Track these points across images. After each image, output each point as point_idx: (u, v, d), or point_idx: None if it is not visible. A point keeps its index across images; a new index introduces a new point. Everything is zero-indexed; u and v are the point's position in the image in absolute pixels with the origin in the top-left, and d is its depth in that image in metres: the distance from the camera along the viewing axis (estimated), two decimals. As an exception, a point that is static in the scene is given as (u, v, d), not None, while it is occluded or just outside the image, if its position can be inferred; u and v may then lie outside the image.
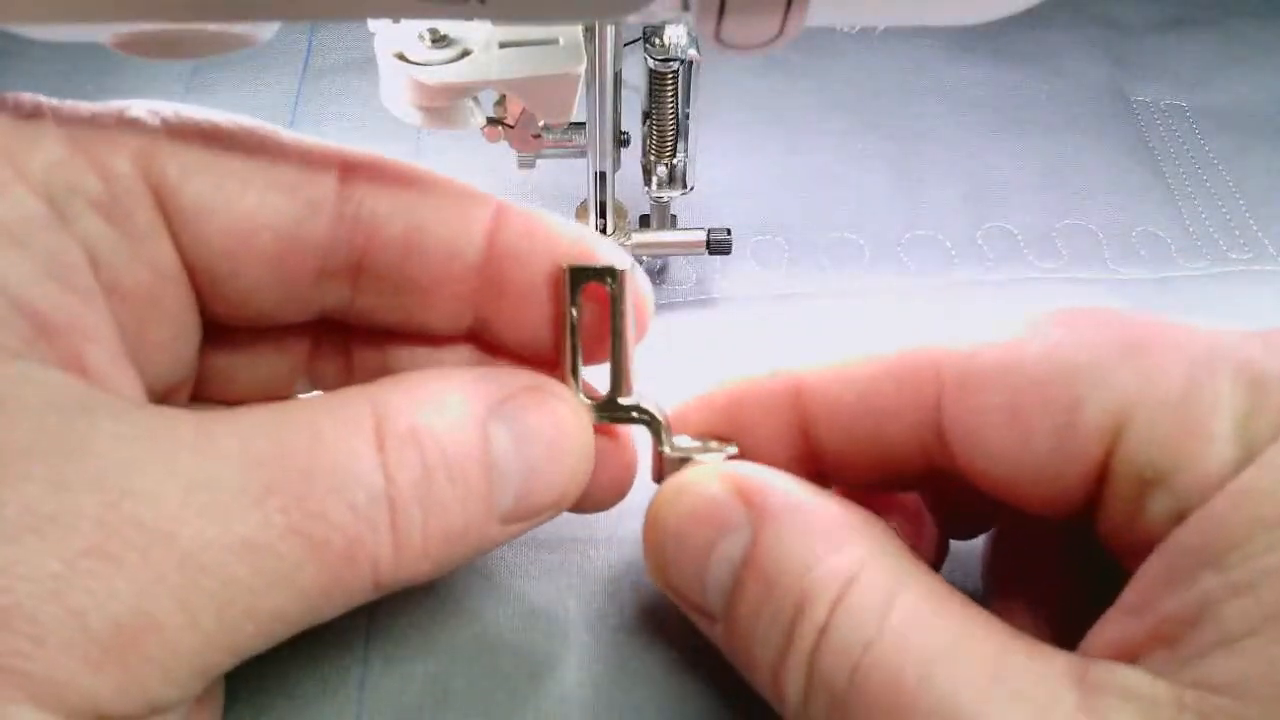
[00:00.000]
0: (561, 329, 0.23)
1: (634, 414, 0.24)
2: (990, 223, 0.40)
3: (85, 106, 0.20)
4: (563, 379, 0.23)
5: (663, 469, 0.25)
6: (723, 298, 0.37)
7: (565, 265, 0.22)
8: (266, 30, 0.20)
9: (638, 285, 0.23)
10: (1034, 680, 0.17)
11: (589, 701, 0.26)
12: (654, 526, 0.23)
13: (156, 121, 0.20)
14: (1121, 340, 0.19)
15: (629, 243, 0.34)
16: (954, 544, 0.27)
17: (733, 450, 0.24)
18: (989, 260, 0.39)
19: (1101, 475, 0.19)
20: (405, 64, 0.27)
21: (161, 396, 0.22)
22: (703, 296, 0.37)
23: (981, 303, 0.37)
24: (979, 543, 0.27)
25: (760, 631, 0.20)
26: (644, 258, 0.36)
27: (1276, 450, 0.17)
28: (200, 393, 0.24)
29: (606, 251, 0.22)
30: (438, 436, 0.19)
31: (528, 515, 0.21)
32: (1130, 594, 0.18)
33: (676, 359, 0.34)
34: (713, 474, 0.22)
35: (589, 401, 0.23)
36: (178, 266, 0.20)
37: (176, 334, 0.21)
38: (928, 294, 0.37)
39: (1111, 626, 0.18)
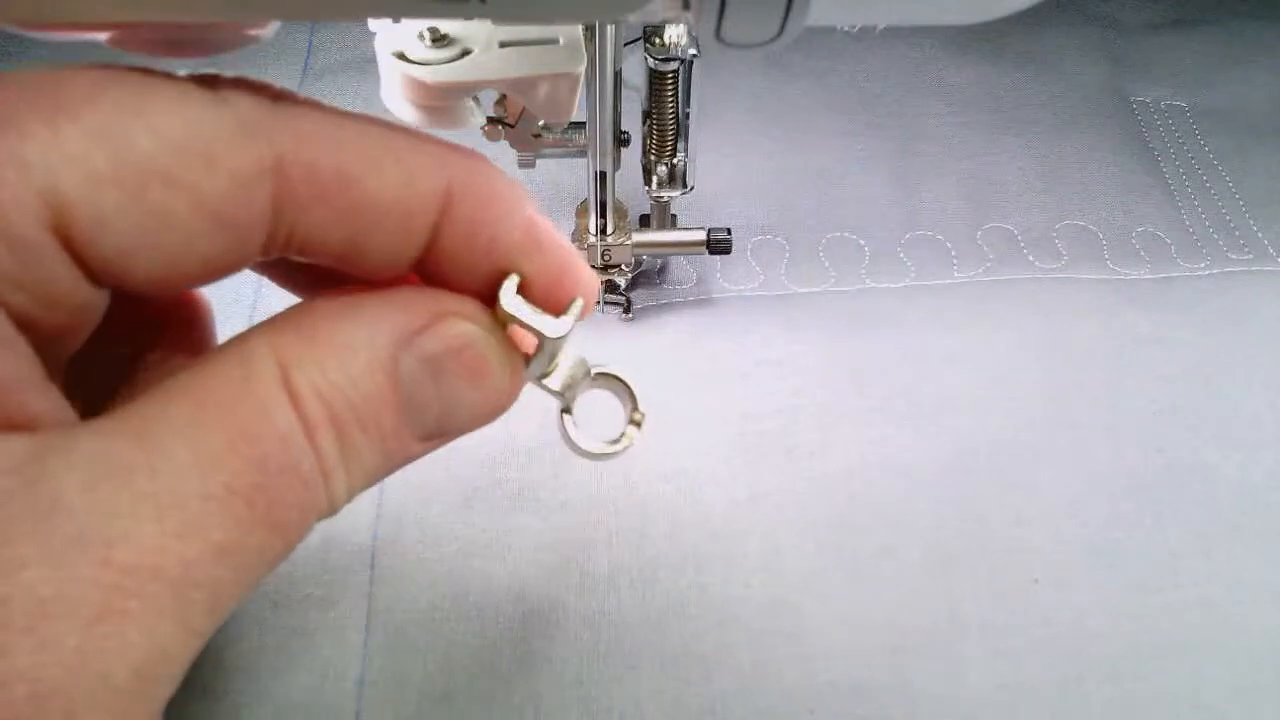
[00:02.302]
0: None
1: (544, 388, 0.23)
2: (990, 223, 0.40)
3: None
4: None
5: (565, 434, 0.24)
6: (723, 298, 0.37)
7: (502, 305, 0.21)
8: (267, 29, 0.20)
9: (584, 286, 0.22)
10: None
11: (589, 699, 0.26)
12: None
13: (55, 148, 0.17)
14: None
15: (629, 242, 0.34)
16: None
17: (638, 423, 0.24)
18: (989, 260, 0.39)
19: None
20: (405, 63, 0.27)
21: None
22: (703, 296, 0.37)
23: (981, 303, 0.37)
24: None
25: None
26: (644, 257, 0.36)
27: None
28: None
29: (557, 280, 0.21)
30: (344, 390, 0.19)
31: (450, 433, 0.21)
32: None
33: (676, 359, 0.34)
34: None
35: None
36: (104, 296, 0.19)
37: (94, 319, 0.20)
38: (928, 294, 0.37)
39: None
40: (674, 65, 0.31)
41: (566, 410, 0.24)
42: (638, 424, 0.25)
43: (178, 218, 0.18)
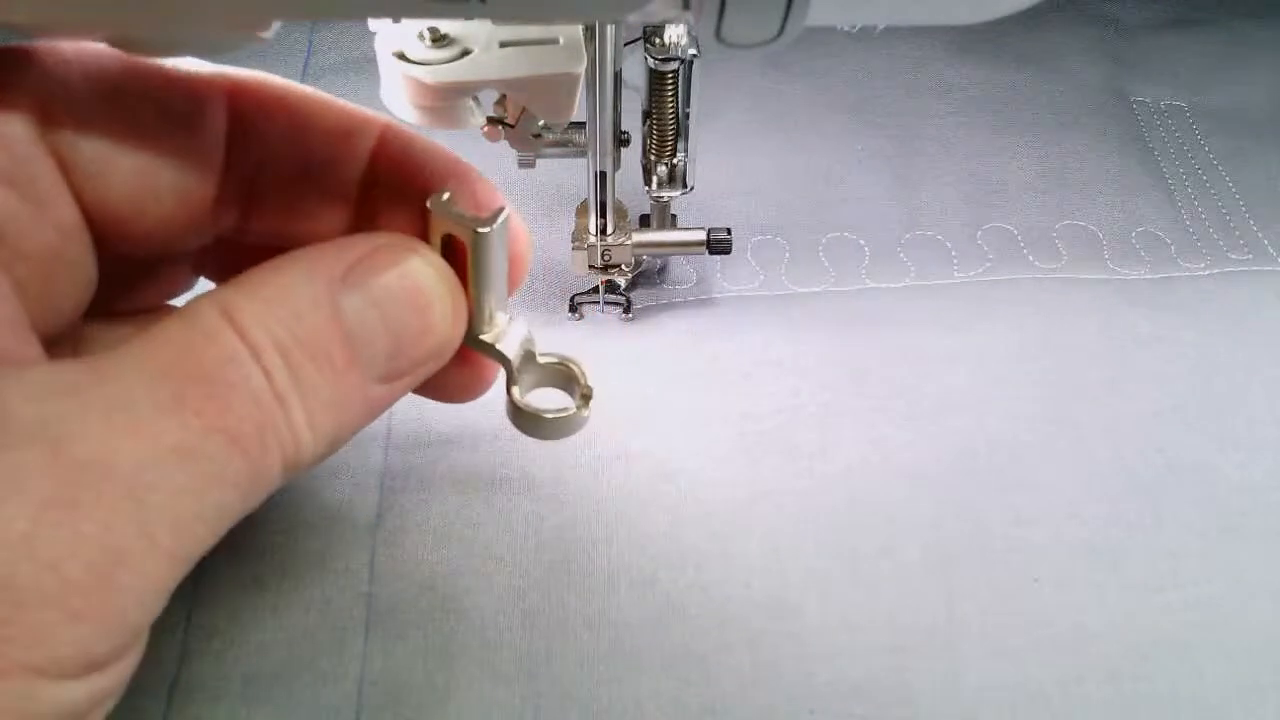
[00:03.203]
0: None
1: (487, 349, 0.24)
2: (990, 223, 0.40)
3: None
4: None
5: (512, 410, 0.25)
6: (723, 298, 0.37)
7: (428, 206, 0.22)
8: (267, 30, 0.20)
9: (507, 237, 0.23)
10: None
11: (589, 699, 0.26)
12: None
13: (47, 66, 0.20)
14: None
15: (629, 242, 0.34)
16: None
17: (587, 385, 0.25)
18: (989, 260, 0.39)
19: None
20: (405, 63, 0.27)
21: (60, 330, 0.22)
22: (703, 296, 0.37)
23: (981, 303, 0.37)
24: None
25: None
26: (644, 257, 0.36)
27: None
28: (93, 308, 0.24)
29: (473, 200, 0.22)
30: (289, 323, 0.19)
31: (409, 369, 0.21)
32: None
33: (676, 359, 0.34)
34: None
35: None
36: (80, 221, 0.20)
37: (77, 280, 0.21)
38: (928, 294, 0.37)
39: None
40: (674, 65, 0.31)
41: (513, 382, 0.24)
42: (586, 398, 0.25)
43: (145, 123, 0.20)
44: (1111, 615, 0.28)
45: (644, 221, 0.36)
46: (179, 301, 0.26)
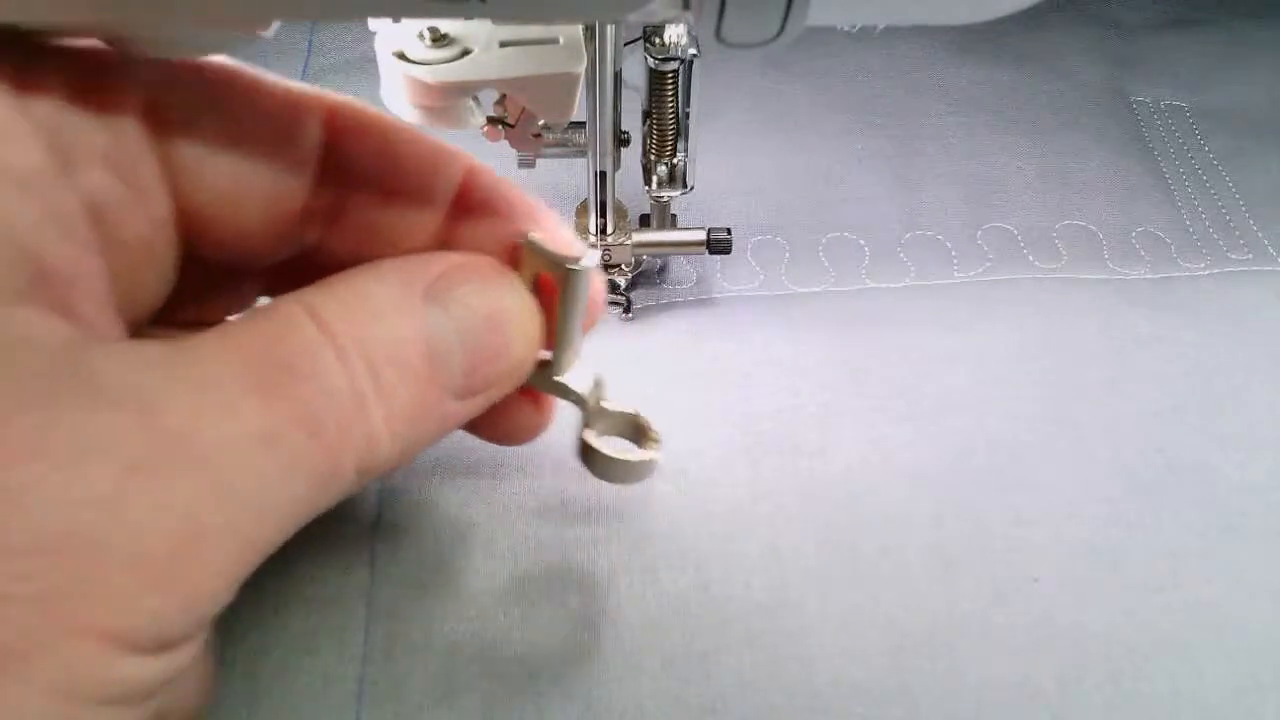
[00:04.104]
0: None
1: (564, 390, 0.24)
2: (990, 223, 0.40)
3: (88, 48, 0.20)
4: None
5: (586, 451, 0.25)
6: (723, 298, 0.37)
7: (526, 243, 0.22)
8: (267, 29, 0.20)
9: (592, 282, 0.23)
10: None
11: (589, 699, 0.26)
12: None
13: (151, 69, 0.20)
14: None
15: (629, 242, 0.34)
16: None
17: (657, 436, 0.25)
18: (989, 260, 0.39)
19: None
20: (405, 63, 0.27)
21: (131, 329, 0.22)
22: (703, 296, 0.37)
23: (981, 303, 0.37)
24: None
25: None
26: (644, 257, 0.36)
27: None
28: (163, 316, 0.24)
29: (567, 244, 0.22)
30: (372, 327, 0.19)
31: (483, 387, 0.21)
32: None
33: (676, 359, 0.34)
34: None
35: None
36: (172, 215, 0.21)
37: (160, 277, 0.21)
38: (928, 294, 0.37)
39: None
40: (674, 65, 0.31)
41: (588, 424, 0.24)
42: (657, 444, 0.25)
43: (244, 128, 0.21)
44: (1111, 615, 0.28)
45: (644, 221, 0.36)
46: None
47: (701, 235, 0.35)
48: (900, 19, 0.19)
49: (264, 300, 0.26)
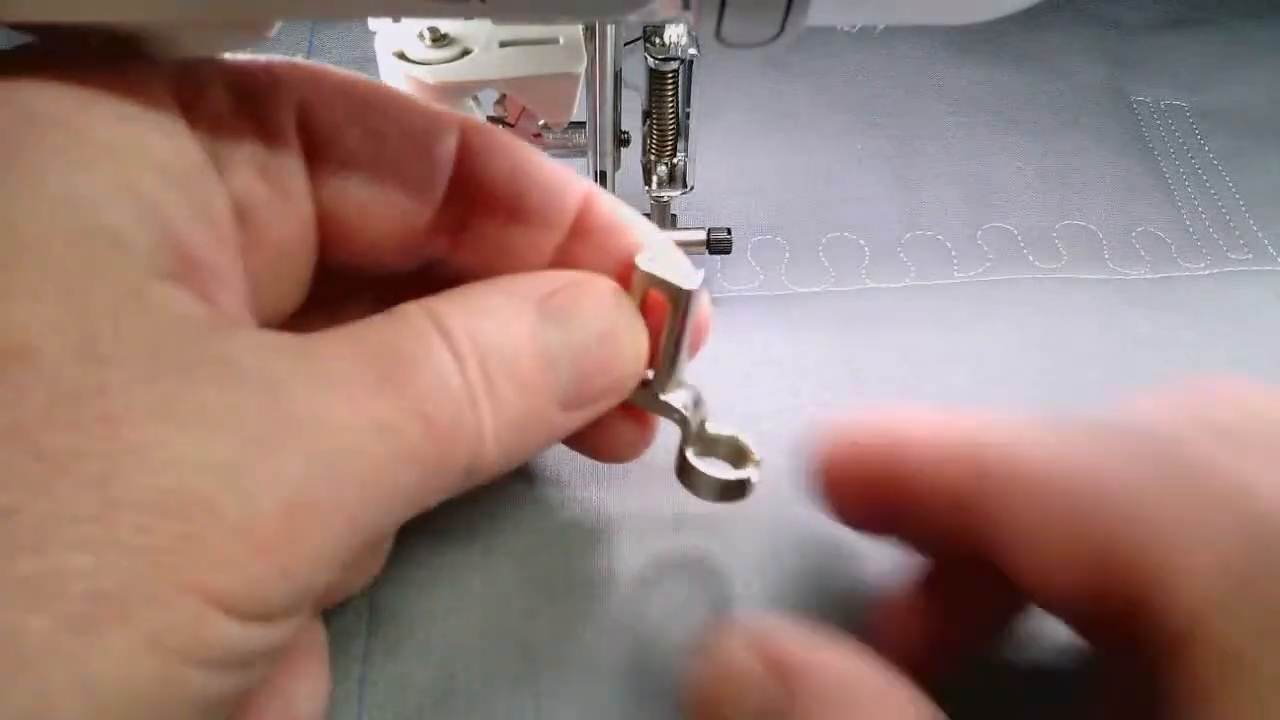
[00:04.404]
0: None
1: (667, 409, 0.25)
2: (990, 223, 0.40)
3: (244, 59, 0.21)
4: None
5: (685, 468, 0.26)
6: (723, 298, 0.37)
7: (639, 266, 0.23)
8: (267, 29, 0.20)
9: (700, 305, 0.24)
10: None
11: (589, 699, 0.26)
12: (690, 692, 0.22)
13: (306, 77, 0.21)
14: (1154, 463, 0.20)
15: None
16: None
17: (757, 460, 0.26)
18: (989, 260, 0.39)
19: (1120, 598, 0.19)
20: (405, 63, 0.27)
21: None
22: (703, 296, 0.37)
23: (981, 303, 0.37)
24: None
25: None
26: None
27: (1242, 617, 0.17)
28: (292, 324, 0.25)
29: (676, 264, 0.23)
30: (489, 334, 0.20)
31: (589, 400, 0.22)
32: None
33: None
34: (746, 645, 0.21)
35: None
36: (313, 219, 0.22)
37: (297, 281, 0.23)
38: (928, 294, 0.37)
39: None
40: (674, 65, 0.31)
41: (688, 442, 0.25)
42: (758, 466, 0.26)
43: (386, 137, 0.22)
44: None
45: (644, 221, 0.36)
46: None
47: (701, 235, 0.35)
48: (900, 19, 0.19)
49: None
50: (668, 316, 0.23)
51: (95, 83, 0.18)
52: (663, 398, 0.25)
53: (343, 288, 0.25)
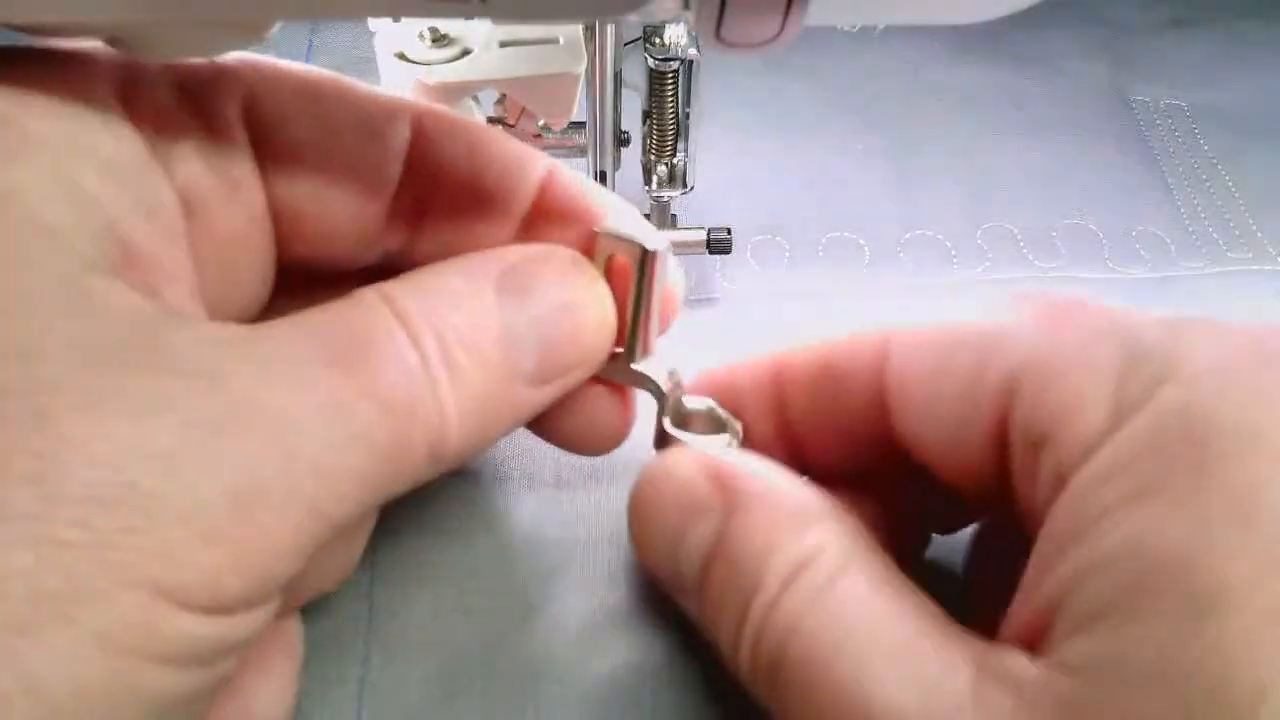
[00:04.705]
0: None
1: (643, 381, 0.24)
2: (990, 222, 0.40)
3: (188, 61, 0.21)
4: None
5: (664, 438, 0.25)
6: (723, 298, 0.37)
7: (599, 230, 0.23)
8: (266, 29, 0.20)
9: (668, 270, 0.24)
10: (934, 663, 0.18)
11: (589, 699, 0.26)
12: (634, 507, 0.24)
13: (251, 70, 0.21)
14: (1041, 313, 0.20)
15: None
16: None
17: (736, 428, 0.25)
18: (989, 260, 0.39)
19: (1004, 436, 0.20)
20: (405, 63, 0.27)
21: None
22: (703, 296, 0.37)
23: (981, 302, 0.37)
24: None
25: (725, 608, 0.21)
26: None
27: (1133, 424, 0.17)
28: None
29: (640, 228, 0.23)
30: (446, 313, 0.20)
31: (556, 375, 0.22)
32: (1027, 574, 0.19)
33: (675, 359, 0.34)
34: (689, 458, 0.23)
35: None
36: (265, 210, 0.21)
37: (257, 276, 0.22)
38: (928, 294, 0.37)
39: (1015, 610, 0.19)
40: (674, 65, 0.31)
41: (664, 412, 0.25)
42: (737, 435, 0.26)
43: (337, 125, 0.21)
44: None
45: (644, 221, 0.36)
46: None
47: (701, 235, 0.35)
48: (900, 19, 0.19)
49: None
50: (633, 280, 0.23)
51: (31, 78, 0.18)
52: (635, 367, 0.24)
53: (312, 289, 0.24)
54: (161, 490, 0.16)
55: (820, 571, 0.20)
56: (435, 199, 0.23)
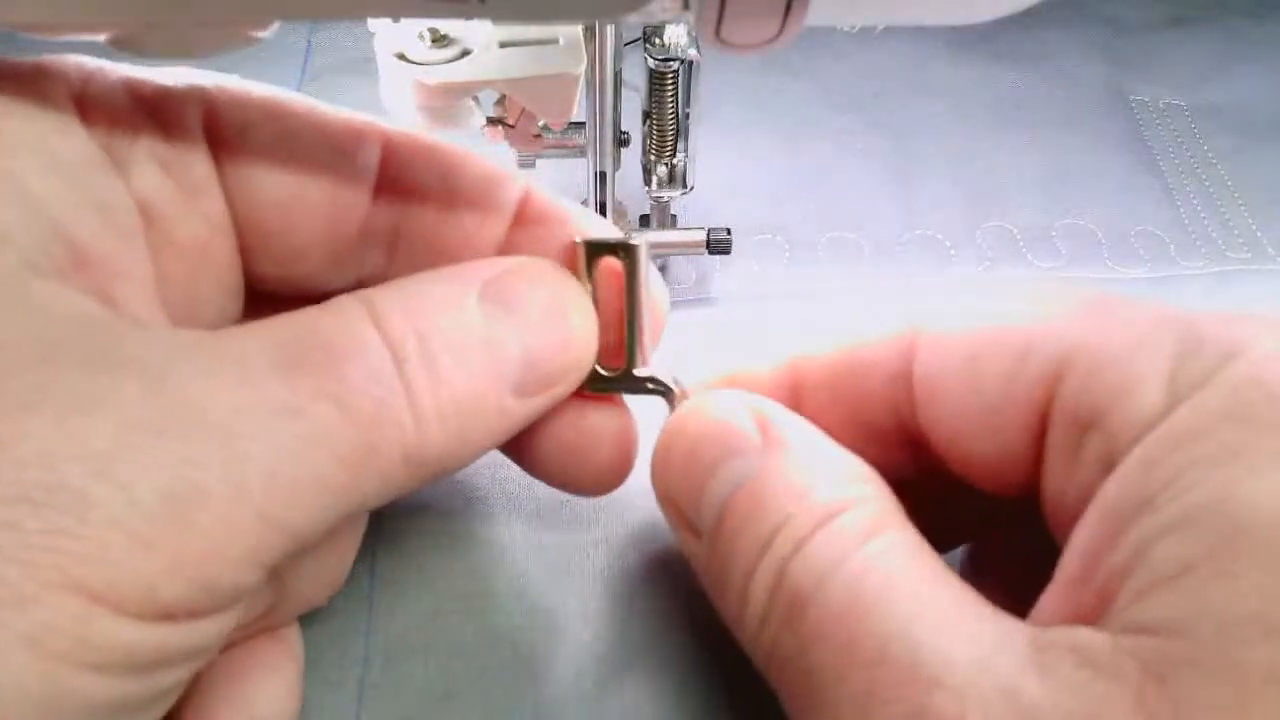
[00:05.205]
0: None
1: (648, 385, 0.24)
2: (989, 222, 0.40)
3: (150, 69, 0.21)
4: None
5: None
6: (723, 298, 0.37)
7: (578, 239, 0.23)
8: (266, 29, 0.20)
9: (651, 278, 0.24)
10: (988, 630, 0.17)
11: (588, 700, 0.26)
12: (670, 433, 0.23)
13: (214, 85, 0.21)
14: (1082, 301, 0.20)
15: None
16: None
17: None
18: (988, 259, 0.39)
19: (1043, 425, 0.20)
20: (405, 63, 0.27)
21: None
22: (703, 296, 0.37)
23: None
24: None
25: (741, 544, 0.20)
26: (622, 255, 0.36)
27: (1202, 396, 0.17)
28: None
29: (612, 232, 0.23)
30: (428, 319, 0.19)
31: (542, 386, 0.22)
32: (1069, 559, 0.18)
33: (675, 359, 0.34)
34: (734, 396, 0.23)
35: (605, 372, 0.24)
36: (227, 219, 0.21)
37: (224, 290, 0.22)
38: (928, 293, 0.37)
39: (1055, 597, 0.18)
40: (674, 66, 0.31)
41: (673, 413, 0.25)
42: None
43: (303, 140, 0.21)
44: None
45: (644, 221, 0.36)
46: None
47: (701, 235, 0.35)
48: (900, 19, 0.19)
49: None
50: (625, 282, 0.23)
51: None
52: (639, 372, 0.24)
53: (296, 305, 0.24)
54: (94, 492, 0.15)
55: (857, 521, 0.19)
56: (411, 222, 0.22)
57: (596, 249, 0.23)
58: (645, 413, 0.25)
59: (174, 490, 0.16)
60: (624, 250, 0.22)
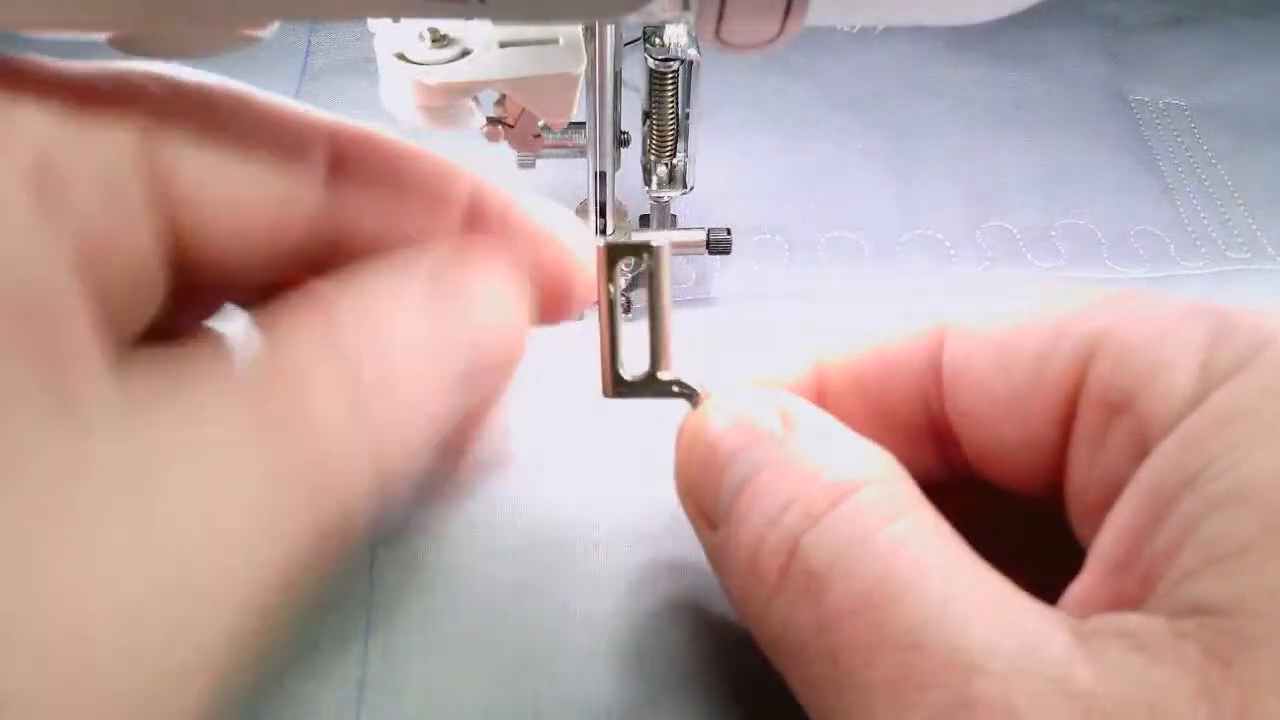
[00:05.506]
0: (600, 307, 0.23)
1: (674, 388, 0.24)
2: (989, 222, 0.40)
3: (82, 70, 0.19)
4: (602, 357, 0.24)
5: None
6: (723, 297, 0.37)
7: (601, 244, 0.23)
8: (266, 30, 0.20)
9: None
10: (1029, 617, 0.17)
11: (587, 700, 0.26)
12: (692, 428, 0.23)
13: (154, 88, 0.20)
14: (1113, 295, 0.20)
15: (629, 242, 0.34)
16: None
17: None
18: (988, 259, 0.39)
19: (1071, 411, 0.19)
20: (405, 63, 0.27)
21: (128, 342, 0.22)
22: (703, 296, 0.37)
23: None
24: None
25: (751, 520, 0.20)
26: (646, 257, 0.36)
27: (1241, 379, 0.17)
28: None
29: (577, 243, 0.23)
30: (367, 297, 0.20)
31: (480, 366, 0.21)
32: (1104, 544, 0.18)
33: (676, 359, 0.34)
34: (758, 390, 0.23)
35: (628, 376, 0.24)
36: (166, 243, 0.20)
37: (156, 294, 0.21)
38: (928, 293, 0.37)
39: (1088, 585, 0.18)
40: (674, 66, 0.31)
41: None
42: None
43: (249, 145, 0.20)
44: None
45: (644, 221, 0.36)
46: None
47: (701, 235, 0.35)
48: (900, 19, 0.19)
49: None
50: (648, 284, 0.23)
51: None
52: (663, 376, 0.24)
53: (225, 290, 0.24)
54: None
55: (879, 500, 0.19)
56: (359, 218, 0.22)
57: (619, 251, 0.23)
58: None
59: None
60: (647, 251, 0.22)
